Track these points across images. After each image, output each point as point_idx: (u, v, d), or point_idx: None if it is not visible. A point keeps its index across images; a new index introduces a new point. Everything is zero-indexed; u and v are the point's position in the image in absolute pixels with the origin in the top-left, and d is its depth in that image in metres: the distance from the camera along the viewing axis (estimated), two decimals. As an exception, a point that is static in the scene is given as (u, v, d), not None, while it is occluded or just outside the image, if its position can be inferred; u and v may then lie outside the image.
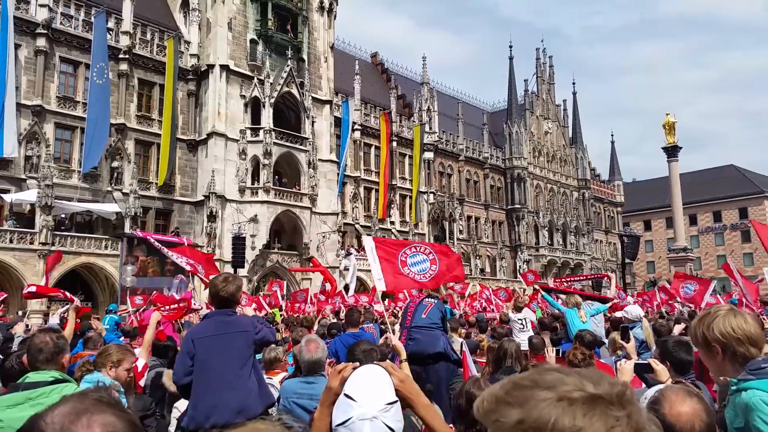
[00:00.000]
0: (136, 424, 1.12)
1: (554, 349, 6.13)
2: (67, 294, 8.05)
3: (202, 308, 13.48)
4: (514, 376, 0.92)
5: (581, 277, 32.45)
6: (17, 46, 29.16)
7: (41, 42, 30.11)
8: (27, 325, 11.34)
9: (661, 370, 3.46)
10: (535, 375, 0.89)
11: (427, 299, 6.03)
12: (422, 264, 6.10)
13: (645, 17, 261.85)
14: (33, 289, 10.50)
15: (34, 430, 1.04)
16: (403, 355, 3.78)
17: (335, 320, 12.10)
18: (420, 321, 5.83)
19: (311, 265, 31.03)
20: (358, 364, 2.04)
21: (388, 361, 2.04)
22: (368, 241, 6.24)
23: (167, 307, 9.19)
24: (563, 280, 18.01)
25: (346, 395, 1.87)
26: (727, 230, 74.63)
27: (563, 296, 11.42)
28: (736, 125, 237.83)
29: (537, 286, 12.49)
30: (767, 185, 76.06)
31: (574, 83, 67.48)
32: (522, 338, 8.52)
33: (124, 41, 33.31)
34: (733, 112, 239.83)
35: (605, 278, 15.79)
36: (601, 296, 12.97)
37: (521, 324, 10.54)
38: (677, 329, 8.75)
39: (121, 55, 32.97)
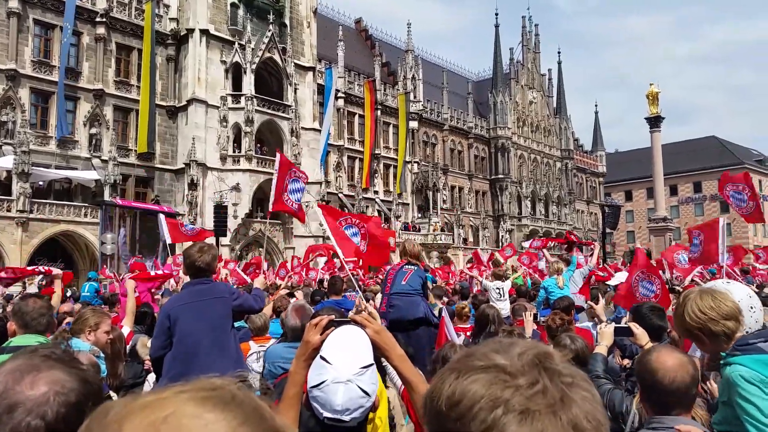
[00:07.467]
0: (89, 381, 1.08)
1: (533, 313, 6.20)
2: (44, 269, 7.73)
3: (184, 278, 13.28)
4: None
5: (563, 241, 32.73)
6: (-12, 7, 28.27)
7: (13, 3, 29.05)
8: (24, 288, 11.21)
9: (641, 333, 3.48)
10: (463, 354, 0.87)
11: (406, 266, 6.04)
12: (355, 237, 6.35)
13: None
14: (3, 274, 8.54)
15: None
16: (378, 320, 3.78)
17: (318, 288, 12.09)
18: (400, 287, 5.84)
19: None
20: (334, 316, 2.02)
21: (364, 312, 2.02)
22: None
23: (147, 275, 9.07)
24: (549, 240, 18.33)
25: (322, 357, 1.85)
26: (706, 201, 75.55)
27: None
28: (720, 97, 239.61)
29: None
30: (747, 156, 76.90)
31: (559, 53, 66.98)
32: (499, 306, 8.57)
33: (101, 4, 32.34)
34: (718, 84, 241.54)
35: (591, 245, 16.00)
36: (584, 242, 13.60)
37: (498, 292, 10.66)
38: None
39: (98, 19, 32.04)
